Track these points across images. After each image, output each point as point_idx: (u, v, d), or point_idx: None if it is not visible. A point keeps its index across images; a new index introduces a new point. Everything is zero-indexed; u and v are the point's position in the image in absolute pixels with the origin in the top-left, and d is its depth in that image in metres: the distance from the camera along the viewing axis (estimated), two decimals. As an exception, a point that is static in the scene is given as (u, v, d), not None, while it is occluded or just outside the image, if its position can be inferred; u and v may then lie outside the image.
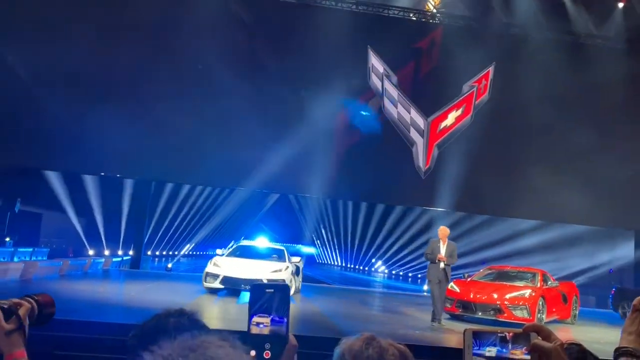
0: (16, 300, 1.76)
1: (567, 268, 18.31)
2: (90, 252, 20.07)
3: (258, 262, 12.37)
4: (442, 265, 9.72)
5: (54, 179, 17.34)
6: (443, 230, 9.99)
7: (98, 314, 8.23)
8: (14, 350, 1.70)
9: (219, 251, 12.99)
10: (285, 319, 1.38)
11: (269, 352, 1.33)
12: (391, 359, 1.61)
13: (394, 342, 1.67)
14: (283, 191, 15.68)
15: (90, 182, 19.13)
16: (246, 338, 1.32)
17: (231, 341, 0.91)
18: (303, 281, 17.34)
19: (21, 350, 1.71)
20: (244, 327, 1.41)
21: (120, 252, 20.64)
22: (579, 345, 2.29)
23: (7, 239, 15.97)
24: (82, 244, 20.41)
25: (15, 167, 14.36)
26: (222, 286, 11.67)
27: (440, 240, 9.89)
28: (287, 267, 12.15)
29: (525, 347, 1.31)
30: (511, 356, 1.31)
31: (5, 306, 1.70)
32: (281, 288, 1.43)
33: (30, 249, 15.44)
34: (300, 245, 36.01)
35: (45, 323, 1.81)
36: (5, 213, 15.34)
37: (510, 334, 1.32)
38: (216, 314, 9.38)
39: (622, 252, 18.22)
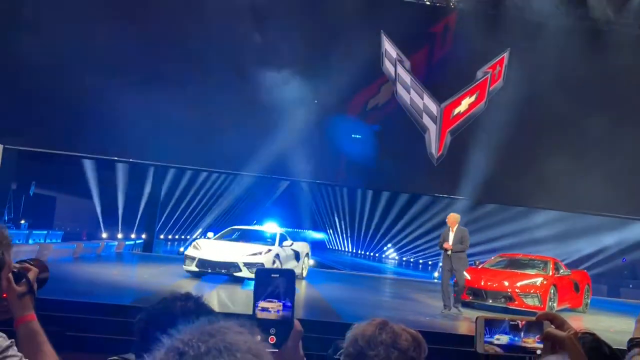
0: (23, 264, 1.79)
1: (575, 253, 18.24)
2: (104, 235, 20.29)
3: (239, 244, 11.95)
4: (449, 252, 9.66)
5: (69, 162, 17.44)
6: (452, 217, 9.92)
7: (110, 296, 8.33)
8: (26, 313, 1.73)
9: (209, 234, 12.69)
10: (291, 304, 1.37)
11: (274, 337, 1.33)
12: (405, 344, 1.61)
13: (406, 327, 1.67)
14: (295, 177, 15.62)
15: (104, 165, 19.24)
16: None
17: (249, 327, 0.91)
18: (315, 267, 17.36)
19: (32, 313, 1.75)
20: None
21: (133, 236, 20.83)
22: (592, 335, 2.27)
23: (22, 222, 16.17)
24: (96, 227, 20.62)
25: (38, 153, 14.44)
26: (197, 269, 11.26)
27: (450, 227, 9.83)
28: (269, 250, 11.61)
29: (538, 336, 1.29)
30: (523, 344, 1.29)
31: (16, 270, 1.74)
32: (286, 273, 1.42)
33: (45, 232, 15.63)
34: (311, 231, 36.10)
35: (40, 288, 1.85)
36: (20, 196, 15.51)
37: (523, 322, 1.31)
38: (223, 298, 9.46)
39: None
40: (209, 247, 11.55)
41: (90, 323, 6.60)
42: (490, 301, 10.51)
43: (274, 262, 11.32)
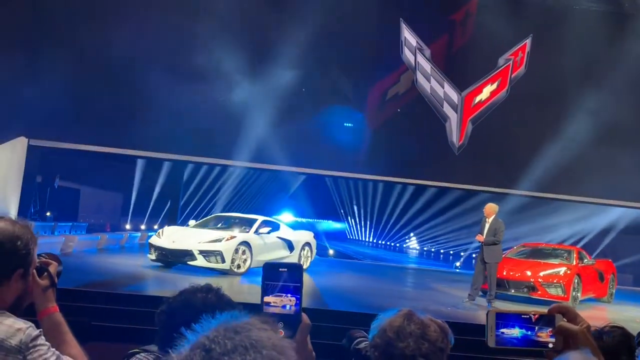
0: (42, 258, 1.85)
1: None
2: (127, 227, 20.58)
3: (200, 231, 10.92)
4: (482, 244, 9.67)
5: (92, 154, 17.67)
6: (488, 208, 9.87)
7: (134, 286, 8.46)
8: (49, 306, 1.79)
9: (191, 222, 11.94)
10: (299, 298, 1.37)
11: (282, 331, 1.33)
12: (434, 335, 1.61)
13: (432, 317, 1.67)
14: (315, 167, 15.58)
15: (125, 157, 19.47)
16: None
17: (271, 324, 0.91)
18: (337, 257, 17.24)
19: (54, 305, 1.81)
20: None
21: (156, 227, 21.10)
22: (621, 329, 2.24)
23: (48, 214, 16.48)
24: (119, 218, 20.93)
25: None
26: (156, 259, 10.44)
27: (486, 218, 9.79)
28: (232, 237, 10.40)
29: (550, 329, 1.27)
30: (536, 338, 1.27)
31: (38, 264, 1.80)
32: (294, 267, 1.41)
33: (70, 224, 15.91)
34: (330, 222, 36.12)
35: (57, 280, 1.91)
36: (45, 189, 15.80)
37: (536, 316, 1.28)
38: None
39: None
40: (169, 235, 10.62)
41: (114, 313, 6.71)
42: (513, 291, 10.42)
43: (238, 251, 10.34)
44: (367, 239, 40.48)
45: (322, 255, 17.62)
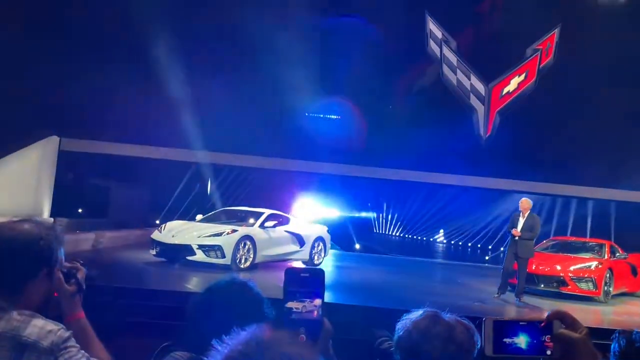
0: (71, 264, 1.89)
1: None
2: (157, 222, 20.84)
3: (201, 225, 10.57)
4: (516, 238, 9.52)
5: (123, 150, 17.93)
6: (525, 202, 9.82)
7: (163, 282, 8.59)
8: (75, 312, 1.84)
9: (198, 217, 11.68)
10: (321, 303, 1.38)
11: (304, 336, 1.33)
12: (460, 336, 1.61)
13: (458, 317, 1.66)
14: (341, 161, 15.54)
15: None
16: (281, 323, 1.33)
17: (298, 341, 0.93)
18: (363, 252, 17.06)
19: (81, 311, 1.85)
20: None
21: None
22: None
23: (79, 210, 16.83)
24: (149, 214, 21.25)
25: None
26: (154, 252, 10.09)
27: (521, 213, 9.72)
28: (234, 230, 10.01)
29: (548, 336, 1.23)
30: (534, 345, 1.24)
31: (65, 270, 1.84)
32: (316, 272, 1.42)
33: (100, 220, 16.22)
34: (356, 213, 35.98)
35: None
36: (77, 186, 16.13)
37: (534, 322, 1.25)
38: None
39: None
40: (169, 229, 10.30)
41: (144, 309, 6.82)
42: (542, 286, 10.26)
43: (240, 244, 9.90)
44: (394, 233, 40.31)
45: (348, 250, 17.61)
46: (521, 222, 9.62)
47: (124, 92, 13.93)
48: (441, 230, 35.24)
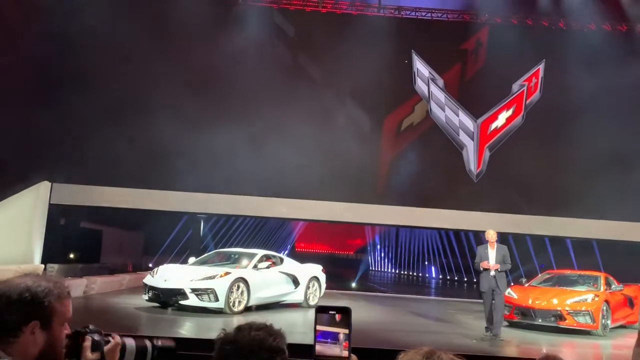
0: (112, 335, 1.85)
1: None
2: (150, 266, 20.63)
3: (195, 268, 10.45)
4: (492, 273, 8.99)
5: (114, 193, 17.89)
6: (492, 234, 9.24)
7: (156, 328, 8.44)
8: None
9: (190, 259, 11.53)
10: (348, 341, 1.43)
11: None
12: None
13: (454, 355, 1.64)
14: (332, 200, 15.51)
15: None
16: None
17: None
18: (358, 290, 16.93)
19: None
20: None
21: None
22: None
23: (71, 256, 16.64)
24: (141, 258, 21.05)
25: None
26: (147, 297, 9.95)
27: (489, 246, 9.19)
28: (227, 273, 9.88)
29: None
30: None
31: (96, 338, 1.80)
32: (343, 310, 1.48)
33: (92, 265, 16.03)
34: (351, 254, 35.82)
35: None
36: (68, 231, 15.99)
37: None
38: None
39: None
40: (162, 274, 10.15)
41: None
42: (540, 320, 10.16)
43: (233, 287, 9.74)
44: (389, 270, 40.04)
45: (344, 289, 17.45)
46: (492, 254, 9.07)
47: (114, 136, 14.04)
48: (433, 267, 35.09)
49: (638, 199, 14.03)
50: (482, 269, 9.08)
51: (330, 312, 1.45)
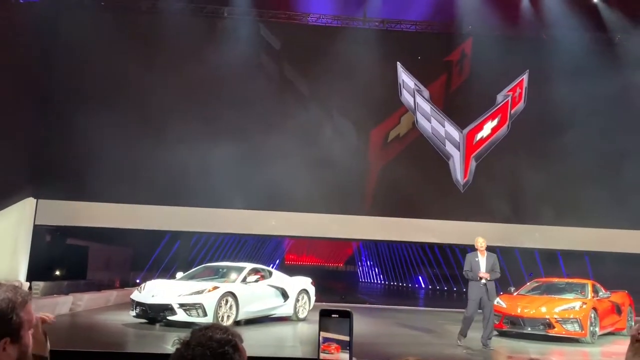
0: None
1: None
2: (138, 281, 20.39)
3: (182, 283, 10.33)
4: (483, 282, 8.80)
5: (99, 209, 17.74)
6: (482, 241, 9.03)
7: (144, 344, 8.34)
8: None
9: (178, 275, 11.34)
10: (349, 344, 1.46)
11: None
12: None
13: None
14: (321, 212, 15.53)
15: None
16: None
17: None
18: (348, 302, 16.85)
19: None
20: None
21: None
22: None
23: (57, 273, 16.41)
24: (128, 274, 20.82)
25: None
26: (134, 313, 9.80)
27: (479, 253, 8.96)
28: (215, 287, 9.77)
29: None
30: None
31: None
32: (345, 314, 1.50)
33: (79, 281, 15.82)
34: (341, 265, 35.76)
35: None
36: (54, 247, 15.80)
37: None
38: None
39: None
40: (149, 289, 10.01)
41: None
42: (529, 329, 10.18)
43: (222, 301, 9.65)
44: (378, 281, 40.01)
45: (332, 301, 17.37)
46: (482, 262, 8.83)
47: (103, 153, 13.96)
48: (422, 277, 35.10)
49: (624, 206, 14.19)
50: (479, 278, 8.82)
51: (332, 315, 1.49)
